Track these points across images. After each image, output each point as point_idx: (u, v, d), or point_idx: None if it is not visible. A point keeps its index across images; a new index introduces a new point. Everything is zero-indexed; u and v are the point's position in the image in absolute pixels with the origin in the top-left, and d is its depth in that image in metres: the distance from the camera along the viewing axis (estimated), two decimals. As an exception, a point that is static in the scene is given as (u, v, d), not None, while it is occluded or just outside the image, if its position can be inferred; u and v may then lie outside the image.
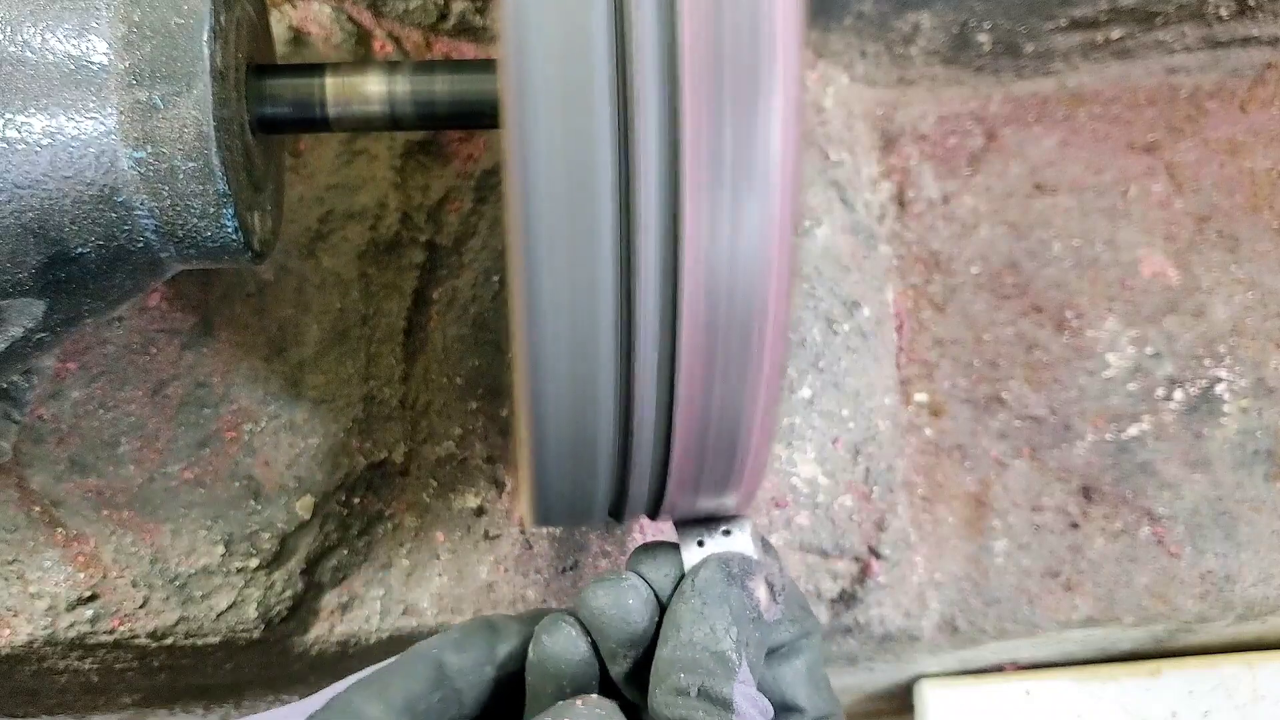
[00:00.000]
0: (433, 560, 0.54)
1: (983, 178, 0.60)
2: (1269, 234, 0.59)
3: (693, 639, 0.34)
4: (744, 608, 0.35)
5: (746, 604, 0.35)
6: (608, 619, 0.35)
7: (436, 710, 0.37)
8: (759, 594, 0.36)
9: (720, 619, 0.35)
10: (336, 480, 0.53)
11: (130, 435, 0.51)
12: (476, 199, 0.55)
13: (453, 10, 0.55)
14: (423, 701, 0.36)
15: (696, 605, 0.35)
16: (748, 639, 0.35)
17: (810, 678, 0.38)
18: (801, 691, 0.37)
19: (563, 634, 0.36)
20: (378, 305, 0.54)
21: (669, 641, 0.35)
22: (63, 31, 0.35)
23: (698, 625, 0.35)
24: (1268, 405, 0.57)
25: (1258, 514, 0.56)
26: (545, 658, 0.36)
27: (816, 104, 0.60)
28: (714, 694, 0.33)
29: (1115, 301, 0.58)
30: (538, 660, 0.36)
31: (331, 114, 0.41)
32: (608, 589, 0.36)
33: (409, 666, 0.37)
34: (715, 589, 0.35)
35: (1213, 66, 0.61)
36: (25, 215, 0.36)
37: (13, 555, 0.51)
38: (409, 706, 0.36)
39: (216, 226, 0.38)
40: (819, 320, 0.56)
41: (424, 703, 0.36)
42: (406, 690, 0.36)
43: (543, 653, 0.36)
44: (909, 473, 0.57)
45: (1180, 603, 0.56)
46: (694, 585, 0.36)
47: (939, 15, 0.58)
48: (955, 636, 0.56)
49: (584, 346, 0.31)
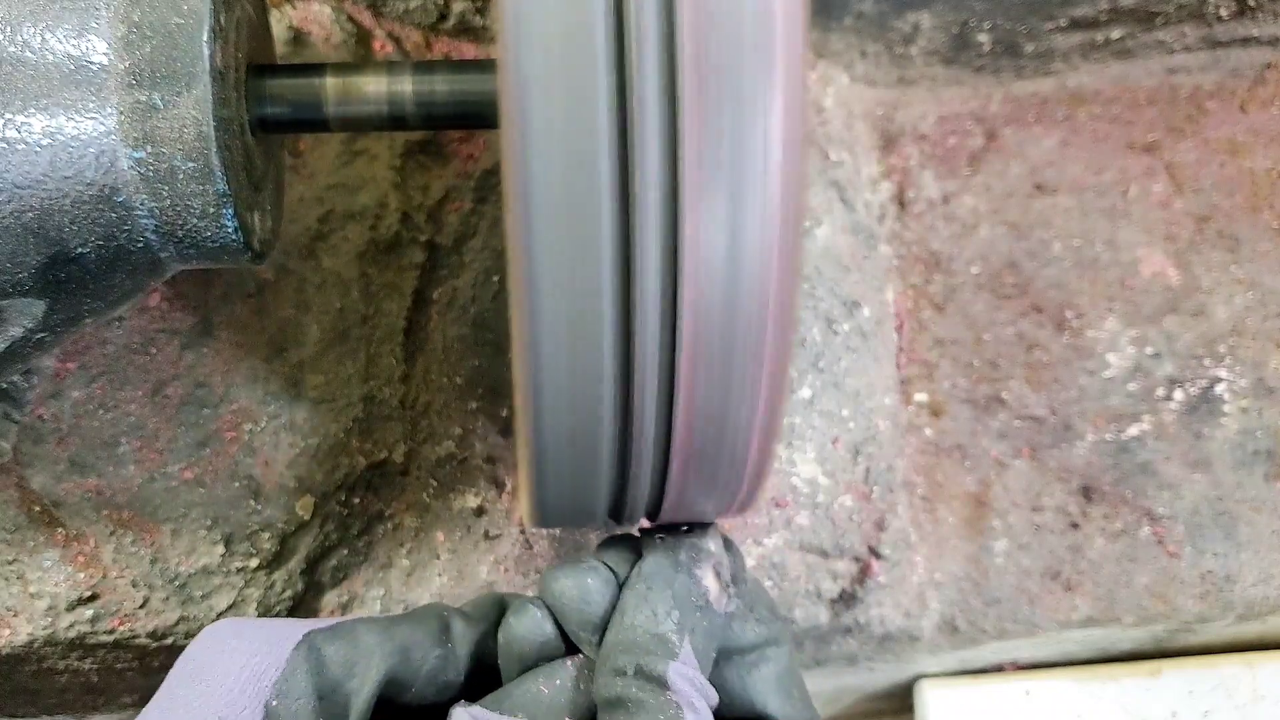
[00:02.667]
0: (433, 560, 0.54)
1: (983, 178, 0.60)
2: (1269, 234, 0.59)
3: (635, 622, 0.35)
4: (689, 594, 0.36)
5: (693, 590, 0.36)
6: (569, 600, 0.36)
7: (432, 666, 0.37)
8: (707, 582, 0.36)
9: (662, 603, 0.35)
10: (336, 480, 0.53)
11: (130, 435, 0.51)
12: (476, 199, 0.55)
13: (453, 10, 0.55)
14: (419, 652, 0.37)
15: (641, 590, 0.36)
16: (693, 625, 0.35)
17: (780, 686, 0.38)
18: (773, 700, 0.38)
19: (528, 616, 0.37)
20: (378, 305, 0.54)
21: (614, 626, 0.36)
22: (63, 31, 0.35)
23: (640, 609, 0.35)
24: (1268, 405, 0.57)
25: (1258, 514, 0.56)
26: (512, 639, 0.37)
27: (816, 104, 0.60)
28: (650, 672, 0.34)
29: (1115, 301, 0.58)
30: (505, 642, 0.37)
31: (331, 114, 0.41)
32: (569, 572, 0.37)
33: (417, 618, 0.38)
34: (660, 574, 0.36)
35: (1213, 66, 0.61)
36: (25, 215, 0.36)
37: (13, 555, 0.51)
38: (405, 652, 0.37)
39: (216, 226, 0.38)
40: (819, 320, 0.56)
41: (421, 654, 0.37)
42: (409, 636, 0.37)
43: (509, 634, 0.37)
44: (909, 473, 0.57)
45: (1180, 603, 0.56)
46: (640, 571, 0.36)
47: (939, 15, 0.58)
48: (955, 636, 0.56)
49: (584, 347, 0.31)
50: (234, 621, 0.37)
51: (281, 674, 0.34)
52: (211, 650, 0.35)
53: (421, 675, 0.37)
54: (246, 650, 0.35)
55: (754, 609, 0.38)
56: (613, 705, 0.34)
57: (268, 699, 0.34)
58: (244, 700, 0.34)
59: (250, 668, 0.34)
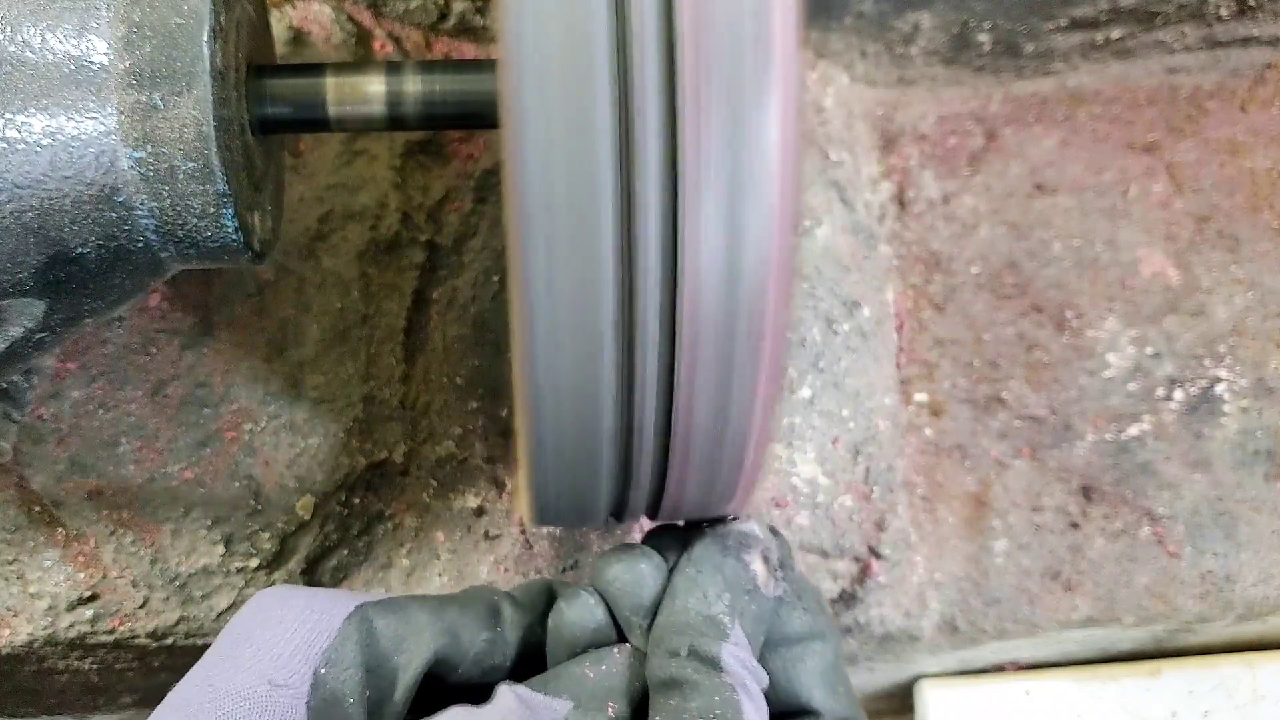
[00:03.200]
0: (433, 560, 0.54)
1: (983, 178, 0.60)
2: (1269, 234, 0.59)
3: (686, 605, 0.35)
4: (739, 578, 0.36)
5: (742, 575, 0.36)
6: (621, 585, 0.36)
7: (480, 649, 0.37)
8: (755, 567, 0.37)
9: (713, 585, 0.36)
10: (336, 480, 0.53)
11: (130, 435, 0.51)
12: (476, 199, 0.55)
13: (453, 10, 0.55)
14: (468, 634, 0.37)
15: (691, 574, 0.36)
16: (742, 609, 0.36)
17: (825, 679, 0.38)
18: (816, 693, 0.38)
19: (580, 602, 0.37)
20: (378, 305, 0.54)
21: (665, 609, 0.36)
22: (63, 31, 0.35)
23: (691, 592, 0.36)
24: (1268, 405, 0.57)
25: (1258, 514, 0.56)
26: (563, 625, 0.37)
27: (816, 104, 0.60)
28: (703, 653, 0.34)
29: (1115, 301, 0.58)
30: (556, 628, 0.37)
31: (332, 114, 0.41)
32: (621, 556, 0.37)
33: (468, 602, 0.38)
34: (710, 559, 0.36)
35: (1213, 66, 0.61)
36: (25, 215, 0.36)
37: (13, 555, 0.51)
38: (454, 633, 0.37)
39: (216, 226, 0.38)
40: (819, 320, 0.56)
41: (469, 636, 0.37)
42: (459, 618, 0.37)
43: (561, 620, 0.37)
44: (909, 473, 0.57)
45: (1180, 603, 0.56)
46: (690, 556, 0.37)
47: (939, 15, 0.58)
48: (955, 636, 0.56)
49: (584, 346, 0.31)
50: (285, 588, 0.37)
51: (332, 643, 0.35)
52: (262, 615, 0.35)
53: (469, 657, 0.37)
54: (297, 618, 0.35)
55: (801, 598, 0.39)
56: (667, 686, 0.34)
57: (317, 666, 0.34)
58: (294, 665, 0.34)
59: (301, 634, 0.35)
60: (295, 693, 0.33)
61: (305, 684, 0.34)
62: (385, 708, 0.36)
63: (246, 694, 0.33)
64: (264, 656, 0.34)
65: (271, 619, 0.35)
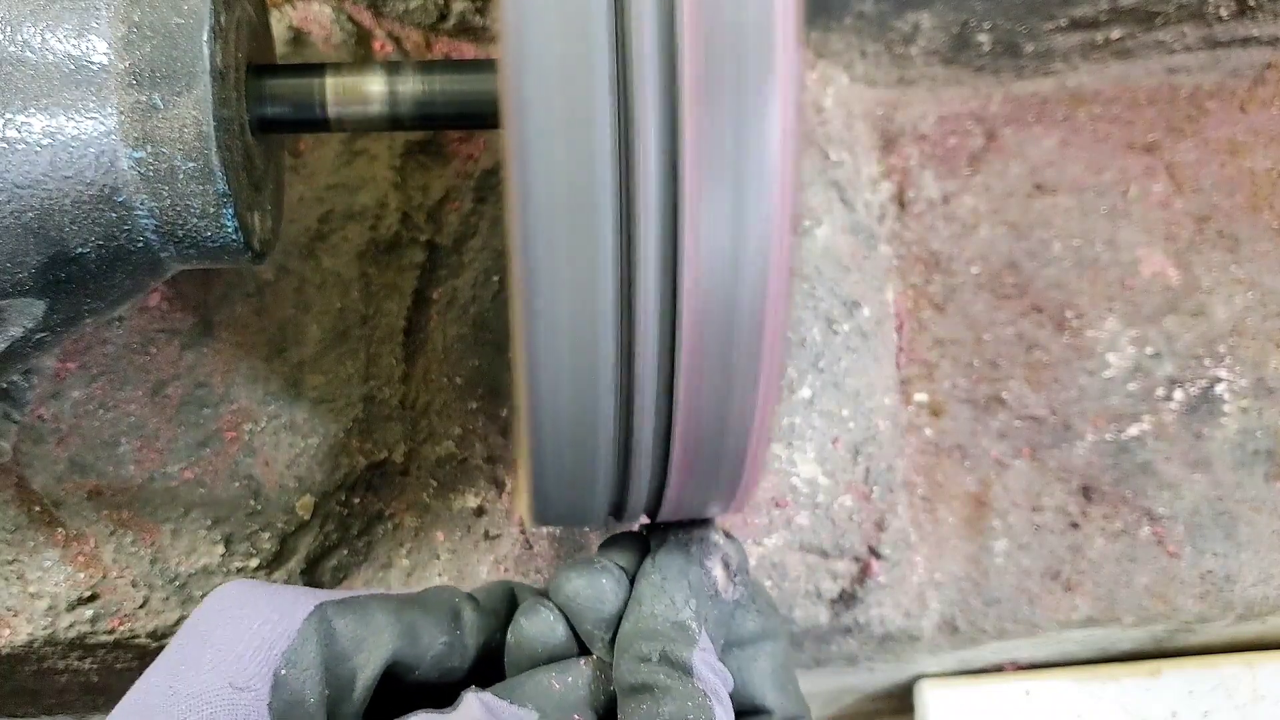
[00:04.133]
0: (433, 560, 0.54)
1: (983, 178, 0.60)
2: (1269, 234, 0.59)
3: (654, 611, 0.36)
4: (702, 584, 0.37)
5: (705, 581, 0.37)
6: (582, 601, 0.37)
7: (439, 652, 0.37)
8: (716, 572, 0.37)
9: (679, 592, 0.36)
10: (336, 480, 0.53)
11: (130, 435, 0.51)
12: (476, 199, 0.55)
13: (453, 10, 0.55)
14: (428, 637, 0.37)
15: (657, 580, 0.37)
16: (706, 614, 0.36)
17: (776, 679, 0.39)
18: (769, 694, 0.38)
19: (540, 618, 0.37)
20: (378, 305, 0.54)
21: (632, 616, 0.36)
22: (63, 31, 0.35)
23: (658, 599, 0.36)
24: (1268, 405, 0.57)
25: (1258, 514, 0.56)
26: (524, 640, 0.37)
27: (816, 104, 0.60)
28: (674, 658, 0.35)
29: (1115, 301, 0.58)
30: (515, 643, 0.37)
31: (331, 114, 0.41)
32: (580, 573, 0.37)
33: (429, 603, 0.38)
34: (674, 565, 0.37)
35: (1213, 66, 0.61)
36: (25, 215, 0.36)
37: (13, 555, 0.51)
38: (414, 635, 0.37)
39: (216, 226, 0.38)
40: (819, 320, 0.56)
41: (429, 639, 0.37)
42: (419, 620, 0.37)
43: (521, 635, 0.37)
44: (909, 473, 0.57)
45: (1180, 603, 0.56)
46: (655, 563, 0.37)
47: (939, 15, 0.58)
48: (955, 636, 0.56)
49: (584, 347, 0.31)
50: (244, 584, 0.37)
51: (292, 643, 0.35)
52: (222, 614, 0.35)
53: (427, 659, 0.37)
54: (258, 617, 0.35)
55: (754, 600, 0.39)
56: (637, 691, 0.34)
57: (277, 667, 0.34)
58: (254, 667, 0.34)
59: (261, 635, 0.35)
60: (256, 695, 0.33)
61: (266, 686, 0.34)
62: (344, 706, 0.36)
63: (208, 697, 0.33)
64: (224, 657, 0.34)
65: (232, 617, 0.35)
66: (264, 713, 0.33)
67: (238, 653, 0.34)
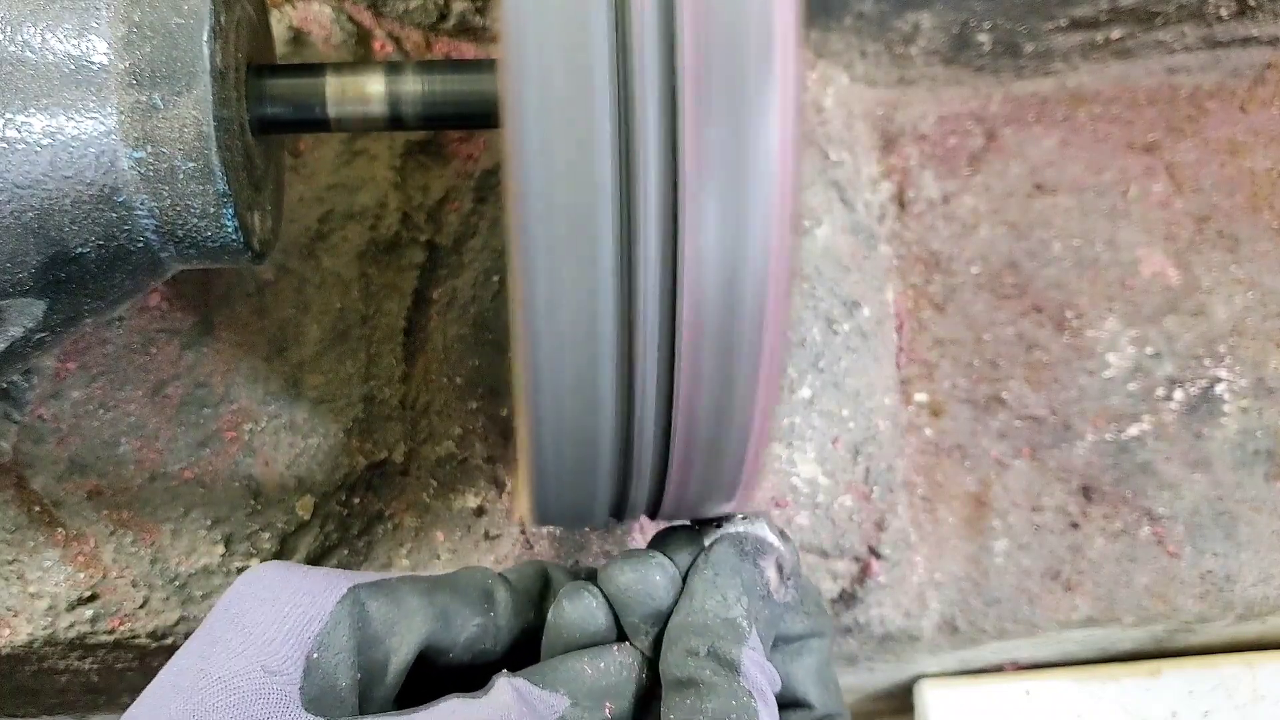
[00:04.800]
0: (433, 560, 0.54)
1: (983, 178, 0.60)
2: (1269, 234, 0.59)
3: (705, 606, 0.35)
4: (755, 583, 0.37)
5: (757, 580, 0.37)
6: (633, 594, 0.36)
7: (471, 634, 0.37)
8: (769, 573, 0.37)
9: (732, 589, 0.36)
10: (336, 480, 0.53)
11: (130, 435, 0.51)
12: (476, 199, 0.55)
13: (453, 10, 0.55)
14: (460, 619, 0.37)
15: (709, 576, 0.36)
16: (757, 613, 0.36)
17: (820, 677, 0.39)
18: (812, 689, 0.39)
19: (584, 604, 0.37)
20: (378, 305, 0.54)
21: (682, 610, 0.36)
22: (63, 31, 0.35)
23: (710, 594, 0.36)
24: (1268, 405, 0.57)
25: (1258, 514, 0.56)
26: (564, 624, 0.37)
27: (816, 104, 0.60)
28: (723, 656, 0.34)
29: (1115, 301, 0.58)
30: (555, 624, 0.37)
31: (331, 114, 0.41)
32: (635, 565, 0.37)
33: (461, 585, 0.38)
34: (728, 562, 0.36)
35: (1213, 66, 0.61)
36: (25, 215, 0.36)
37: (13, 555, 0.51)
38: (447, 617, 0.37)
39: (216, 226, 0.38)
40: (819, 320, 0.56)
41: (461, 621, 0.37)
42: (451, 602, 0.37)
43: (562, 618, 0.37)
44: (909, 473, 0.57)
45: (1180, 603, 0.56)
46: (708, 559, 0.37)
47: (939, 15, 0.58)
48: (955, 636, 0.56)
49: (584, 346, 0.31)
50: (277, 566, 0.36)
51: (324, 627, 0.34)
52: (254, 596, 0.35)
53: (461, 642, 0.37)
54: (290, 600, 0.35)
55: (804, 601, 0.39)
56: (683, 685, 0.34)
57: (309, 650, 0.34)
58: (286, 650, 0.34)
59: (294, 618, 0.34)
60: (288, 679, 0.33)
61: (298, 670, 0.33)
62: (376, 690, 0.36)
63: (240, 681, 0.33)
64: (256, 640, 0.34)
65: (264, 599, 0.35)
66: (295, 697, 0.33)
67: (270, 636, 0.34)
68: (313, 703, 0.33)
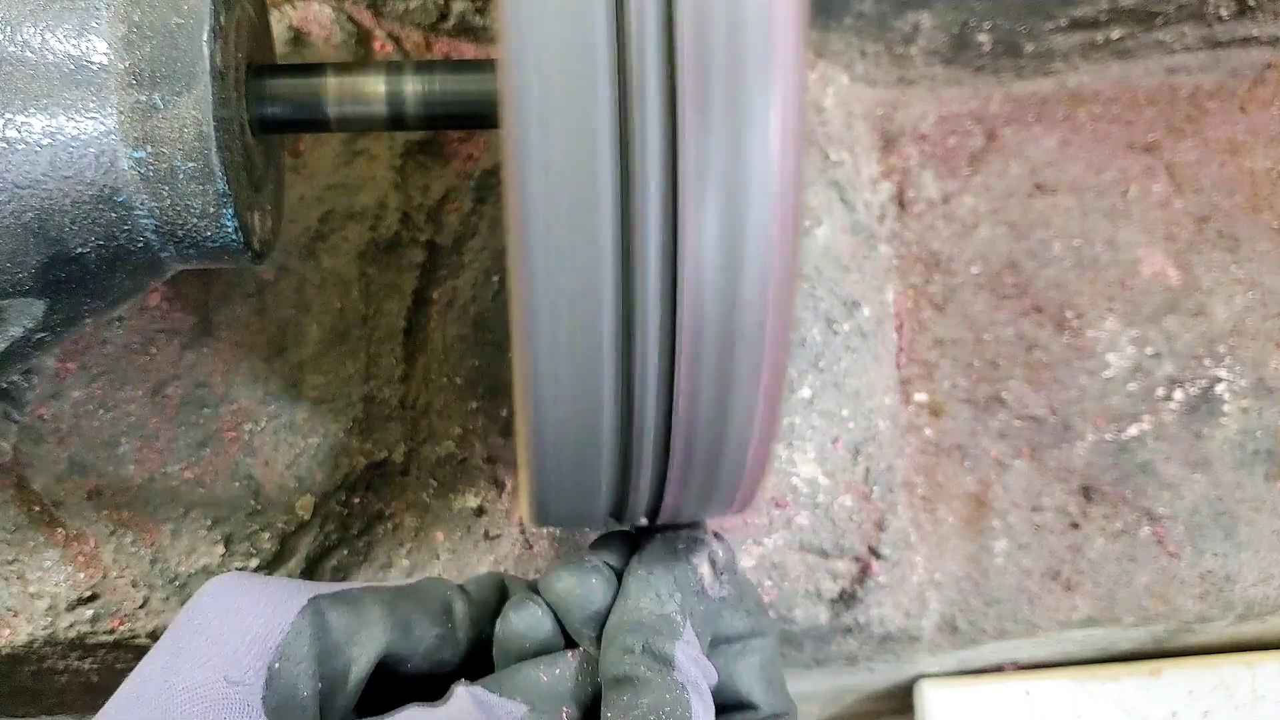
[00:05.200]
0: (433, 560, 0.54)
1: (983, 178, 0.60)
2: (1269, 234, 0.59)
3: (639, 604, 0.36)
4: (688, 579, 0.37)
5: (690, 577, 0.38)
6: (572, 599, 0.37)
7: (430, 646, 0.38)
8: (703, 569, 0.38)
9: (664, 585, 0.37)
10: (336, 480, 0.53)
11: (130, 435, 0.51)
12: (476, 199, 0.55)
13: (453, 10, 0.55)
14: (420, 630, 0.38)
15: (642, 575, 0.37)
16: (691, 609, 0.37)
17: (764, 675, 0.39)
18: (756, 689, 0.39)
19: (529, 613, 0.38)
20: (378, 305, 0.54)
21: (618, 609, 0.37)
22: (63, 31, 0.35)
23: (644, 592, 0.37)
24: (1268, 405, 0.57)
25: (1258, 514, 0.56)
26: (512, 634, 0.38)
27: (816, 104, 0.60)
28: (657, 651, 0.35)
29: (1115, 301, 0.58)
30: (503, 637, 0.38)
31: (332, 114, 0.41)
32: (571, 571, 0.38)
33: (421, 596, 0.39)
34: (660, 559, 0.38)
35: (1213, 66, 0.61)
36: (25, 215, 0.36)
37: (13, 555, 0.51)
38: (406, 628, 0.38)
39: (216, 226, 0.38)
40: (819, 320, 0.56)
41: (421, 631, 0.38)
42: (411, 613, 0.38)
43: (509, 629, 0.38)
44: (909, 473, 0.57)
45: (1180, 603, 0.56)
46: (641, 557, 0.38)
47: (939, 15, 0.58)
48: (955, 636, 0.56)
49: (584, 347, 0.31)
50: (238, 577, 0.37)
51: (285, 637, 0.35)
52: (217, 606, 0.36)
53: (420, 652, 0.38)
54: (252, 610, 0.35)
55: (743, 600, 0.40)
56: (619, 683, 0.35)
57: (271, 661, 0.34)
58: (248, 661, 0.34)
59: (255, 629, 0.35)
60: (250, 689, 0.34)
61: (260, 679, 0.34)
62: (337, 699, 0.36)
63: (204, 691, 0.33)
64: (219, 651, 0.34)
65: (226, 610, 0.35)
66: (258, 706, 0.34)
67: (233, 646, 0.34)
68: (274, 712, 0.34)
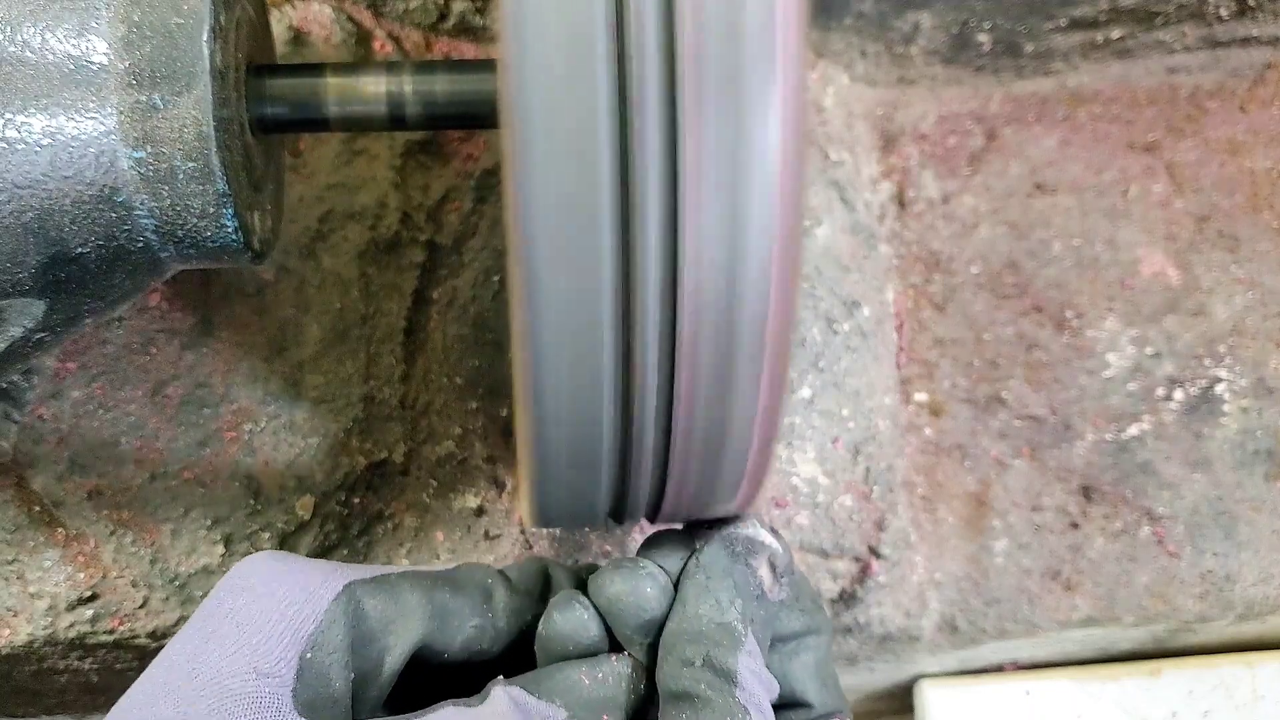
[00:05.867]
0: (433, 560, 0.54)
1: (983, 177, 0.60)
2: (1269, 234, 0.59)
3: (698, 612, 0.35)
4: (748, 584, 0.36)
5: (750, 581, 0.36)
6: (624, 606, 0.35)
7: (469, 635, 0.36)
8: (762, 573, 0.36)
9: (724, 592, 0.35)
10: (336, 480, 0.53)
11: (130, 435, 0.51)
12: (476, 199, 0.55)
13: (453, 10, 0.55)
14: (458, 620, 0.36)
15: (701, 580, 0.35)
16: (752, 615, 0.35)
17: (819, 673, 0.38)
18: (810, 686, 0.38)
19: (574, 616, 0.36)
20: (378, 305, 0.54)
21: (676, 617, 0.35)
22: (63, 31, 0.35)
23: (703, 599, 0.35)
24: (1268, 405, 0.57)
25: (1258, 514, 0.56)
26: (555, 635, 0.36)
27: (816, 104, 0.60)
28: (718, 665, 0.34)
29: (1115, 301, 0.58)
30: (546, 635, 0.36)
31: (332, 114, 0.41)
32: (625, 576, 0.36)
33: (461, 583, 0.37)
34: (719, 565, 0.36)
35: (1213, 66, 0.61)
36: (25, 215, 0.36)
37: (13, 555, 0.51)
38: (444, 617, 0.36)
39: (216, 226, 0.38)
40: (819, 320, 0.56)
41: (459, 621, 0.36)
42: (449, 602, 0.36)
43: (553, 630, 0.36)
44: (909, 473, 0.57)
45: (1180, 603, 0.56)
46: (699, 562, 0.36)
47: (939, 15, 0.58)
48: (955, 636, 0.56)
49: (584, 347, 0.31)
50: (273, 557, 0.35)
51: (318, 626, 0.33)
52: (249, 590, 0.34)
53: (457, 643, 0.36)
54: (285, 595, 0.34)
55: (799, 598, 0.39)
56: (678, 699, 0.33)
57: (303, 650, 0.33)
58: (279, 651, 0.33)
59: (288, 618, 0.33)
60: (281, 681, 0.32)
61: (291, 671, 0.33)
62: (369, 690, 0.35)
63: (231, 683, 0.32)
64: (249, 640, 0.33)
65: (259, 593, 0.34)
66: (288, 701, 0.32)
67: (265, 634, 0.33)
68: (305, 706, 0.33)
